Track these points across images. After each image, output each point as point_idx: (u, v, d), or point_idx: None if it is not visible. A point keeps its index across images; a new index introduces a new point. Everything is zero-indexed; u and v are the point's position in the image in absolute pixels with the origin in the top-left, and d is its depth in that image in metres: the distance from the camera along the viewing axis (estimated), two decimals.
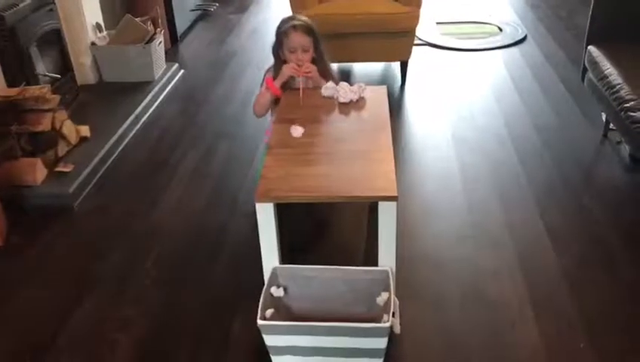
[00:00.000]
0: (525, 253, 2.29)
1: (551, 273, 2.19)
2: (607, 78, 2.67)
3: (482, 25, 4.84)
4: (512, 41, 4.42)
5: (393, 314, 1.76)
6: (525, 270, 2.20)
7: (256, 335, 1.74)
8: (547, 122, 3.27)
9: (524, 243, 2.35)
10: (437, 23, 4.82)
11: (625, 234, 2.37)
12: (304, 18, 2.48)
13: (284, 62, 2.43)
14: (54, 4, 3.34)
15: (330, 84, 2.39)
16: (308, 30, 2.41)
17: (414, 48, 3.80)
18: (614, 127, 2.86)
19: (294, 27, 2.40)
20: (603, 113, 3.03)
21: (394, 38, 3.61)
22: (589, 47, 2.92)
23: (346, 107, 2.32)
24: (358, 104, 2.34)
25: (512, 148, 3.02)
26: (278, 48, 2.46)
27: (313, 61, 2.43)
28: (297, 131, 2.08)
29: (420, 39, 4.40)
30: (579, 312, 2.00)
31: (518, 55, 4.21)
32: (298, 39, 2.39)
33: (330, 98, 2.34)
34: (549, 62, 4.06)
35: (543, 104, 3.48)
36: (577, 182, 2.74)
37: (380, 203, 1.78)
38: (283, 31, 2.42)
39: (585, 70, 2.98)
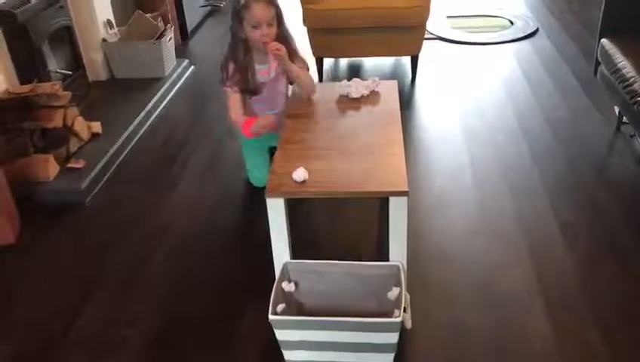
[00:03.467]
0: (536, 248, 2.28)
1: (563, 268, 2.18)
2: (621, 71, 2.64)
3: (493, 18, 4.80)
4: (523, 35, 4.38)
5: (404, 309, 1.75)
6: (536, 265, 2.19)
7: (268, 330, 1.74)
8: (559, 116, 3.24)
9: (536, 238, 2.33)
10: (447, 17, 4.79)
11: (638, 229, 2.35)
12: None
13: (245, 41, 2.25)
14: (65, 1, 3.35)
15: (344, 82, 2.37)
16: (271, 0, 2.21)
17: (425, 42, 3.78)
18: (627, 121, 2.83)
19: None
20: (616, 106, 3.00)
21: (404, 33, 3.60)
22: (602, 40, 2.89)
23: (357, 102, 2.31)
24: (368, 99, 2.33)
25: (523, 142, 3.00)
26: (237, 26, 2.24)
27: (277, 38, 2.24)
28: (300, 175, 1.81)
29: (430, 33, 4.37)
30: (591, 307, 1.99)
31: (529, 48, 4.18)
32: (261, 12, 2.17)
33: (343, 95, 2.33)
34: (561, 55, 4.02)
35: (555, 98, 3.45)
36: (590, 176, 2.71)
37: (391, 198, 1.78)
38: (243, 4, 2.17)
39: (598, 63, 2.95)
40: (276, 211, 1.82)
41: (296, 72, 2.32)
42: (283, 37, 2.26)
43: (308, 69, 2.43)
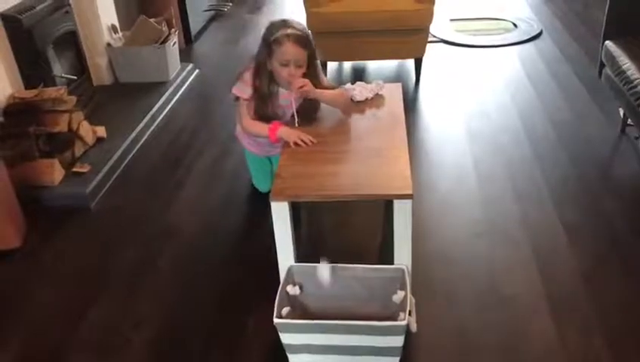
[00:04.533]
0: (541, 251, 2.27)
1: (567, 271, 2.17)
2: (625, 73, 2.64)
3: (496, 21, 4.80)
4: (527, 37, 4.38)
5: (409, 312, 1.75)
6: (541, 268, 2.19)
7: (272, 333, 1.74)
8: (563, 118, 3.24)
9: (540, 241, 2.33)
10: (451, 20, 4.79)
11: None
12: (301, 26, 2.12)
13: (271, 73, 2.14)
14: (70, 6, 3.37)
15: (348, 85, 2.37)
16: (305, 42, 2.07)
17: (429, 45, 3.79)
18: (632, 123, 2.82)
19: (289, 37, 2.04)
20: (620, 108, 3.00)
21: (408, 36, 3.60)
22: (606, 42, 2.89)
23: (361, 105, 2.32)
24: (373, 102, 2.34)
25: (527, 144, 3.00)
26: (265, 56, 2.11)
27: (305, 76, 2.13)
28: (325, 274, 1.84)
29: (434, 36, 4.38)
30: (595, 311, 1.98)
31: (533, 51, 4.18)
32: (293, 51, 2.05)
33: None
34: (565, 57, 4.02)
35: (559, 100, 3.44)
36: (594, 178, 2.71)
37: (395, 201, 1.78)
38: (276, 39, 2.05)
39: (602, 65, 2.95)
40: (281, 215, 1.83)
41: (328, 95, 2.22)
42: (313, 75, 2.15)
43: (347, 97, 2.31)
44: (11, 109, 2.75)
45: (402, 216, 1.80)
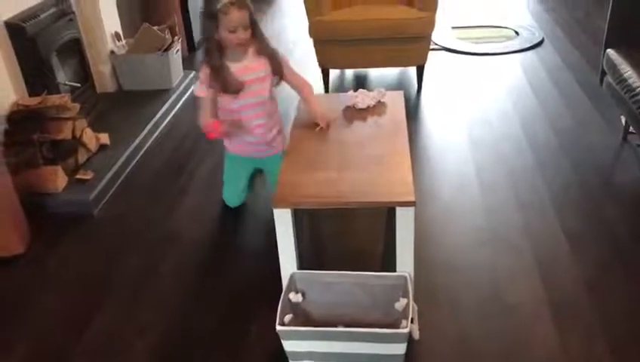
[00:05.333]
0: (543, 259, 2.27)
1: (570, 279, 2.17)
2: (627, 81, 2.65)
3: (498, 29, 4.82)
4: (528, 45, 4.40)
5: (412, 319, 1.76)
6: (543, 275, 2.19)
7: (275, 340, 1.75)
8: (565, 126, 3.25)
9: (542, 248, 2.33)
10: (453, 28, 4.81)
11: None
12: None
13: (219, 43, 2.24)
14: (74, 14, 3.39)
15: (351, 92, 2.38)
16: (244, 4, 2.19)
17: (430, 53, 3.80)
18: (634, 130, 2.83)
19: (232, 3, 2.16)
20: (622, 116, 3.01)
21: (409, 44, 3.62)
22: (608, 50, 2.90)
23: (363, 112, 2.33)
24: (375, 109, 2.35)
25: (529, 152, 3.01)
26: (213, 29, 2.22)
27: (252, 38, 2.26)
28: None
29: (435, 44, 4.40)
30: (598, 318, 1.98)
31: (535, 59, 4.19)
32: (237, 16, 2.17)
33: (350, 106, 2.35)
34: (567, 65, 4.03)
35: (561, 108, 3.45)
36: (596, 186, 2.71)
37: (398, 208, 1.79)
38: (220, 9, 2.16)
39: (603, 73, 2.96)
40: (283, 222, 1.83)
41: (315, 103, 2.35)
42: (258, 35, 2.29)
43: (287, 60, 2.45)
44: (15, 117, 2.77)
45: (405, 223, 1.81)
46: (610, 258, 2.26)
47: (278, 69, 2.37)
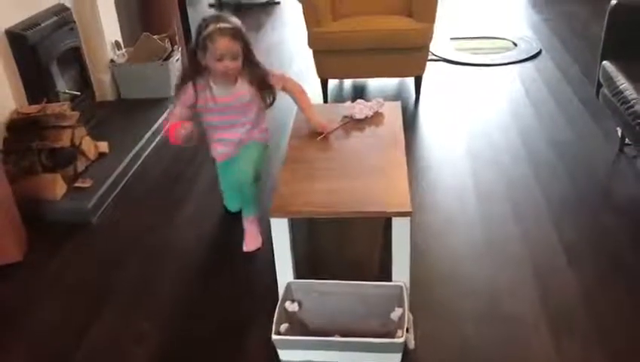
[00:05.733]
0: (541, 270, 2.27)
1: (567, 290, 2.17)
2: (622, 93, 2.66)
3: (497, 40, 4.85)
4: (526, 56, 4.42)
5: (407, 329, 1.76)
6: (541, 287, 2.19)
7: (271, 350, 1.75)
8: (562, 137, 3.26)
9: (540, 260, 2.33)
10: (451, 39, 4.84)
11: None
12: (233, 19, 2.16)
13: (205, 68, 2.19)
14: (74, 23, 3.42)
15: (349, 103, 2.40)
16: (236, 35, 2.12)
17: (429, 64, 3.83)
18: (630, 142, 2.84)
19: (221, 31, 2.08)
20: (618, 128, 3.02)
21: (408, 54, 3.64)
22: (604, 62, 2.92)
23: (361, 123, 2.34)
24: (372, 120, 2.37)
25: (527, 163, 3.02)
26: (199, 54, 2.16)
27: (243, 68, 2.20)
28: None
29: (434, 55, 4.42)
30: (596, 331, 1.98)
31: (532, 70, 4.22)
32: (226, 45, 2.09)
33: (347, 116, 2.36)
34: (564, 76, 4.05)
35: (558, 119, 3.47)
36: (593, 197, 2.72)
37: (394, 218, 1.80)
38: (207, 35, 2.09)
39: (599, 85, 2.97)
40: (280, 231, 1.85)
41: (314, 112, 2.34)
42: (252, 65, 2.22)
43: (287, 79, 2.39)
44: (15, 125, 2.78)
45: (401, 233, 1.82)
46: (608, 269, 2.27)
47: (269, 95, 2.32)
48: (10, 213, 2.45)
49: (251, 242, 2.40)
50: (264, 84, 2.27)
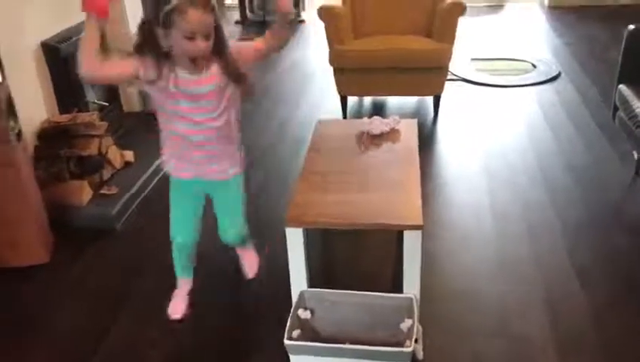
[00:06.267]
0: (553, 293, 2.29)
1: (578, 313, 2.19)
2: (638, 116, 2.69)
3: (516, 62, 4.89)
4: (545, 78, 4.46)
5: (416, 340, 1.81)
6: (552, 308, 2.21)
7: (283, 355, 1.81)
8: (579, 160, 3.28)
9: (552, 282, 2.35)
10: (472, 59, 4.90)
11: None
12: None
13: (167, 54, 1.75)
14: (105, 36, 3.54)
15: (365, 119, 2.46)
16: (209, 5, 1.69)
17: (449, 83, 3.89)
18: None
19: (192, 2, 1.65)
20: (634, 151, 3.04)
21: (427, 74, 3.71)
22: (620, 85, 2.95)
23: (377, 138, 2.41)
24: (388, 136, 2.43)
25: (542, 185, 3.04)
26: (159, 33, 1.71)
27: (214, 49, 1.76)
28: None
29: (454, 75, 4.48)
30: (604, 356, 1.99)
31: (551, 92, 4.25)
32: (199, 18, 1.66)
33: (364, 131, 2.43)
34: (583, 99, 4.08)
35: (576, 142, 3.49)
36: (608, 220, 2.74)
37: (405, 231, 1.85)
38: (175, 6, 1.65)
39: (616, 109, 3.00)
40: (295, 241, 1.91)
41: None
42: (222, 48, 1.79)
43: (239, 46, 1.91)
44: (46, 133, 2.90)
45: (412, 246, 1.87)
46: (621, 295, 2.27)
47: (243, 87, 1.91)
48: (38, 217, 2.55)
49: (253, 265, 2.40)
50: (238, 75, 1.85)
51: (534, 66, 4.73)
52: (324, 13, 3.71)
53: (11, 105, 2.39)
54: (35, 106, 2.94)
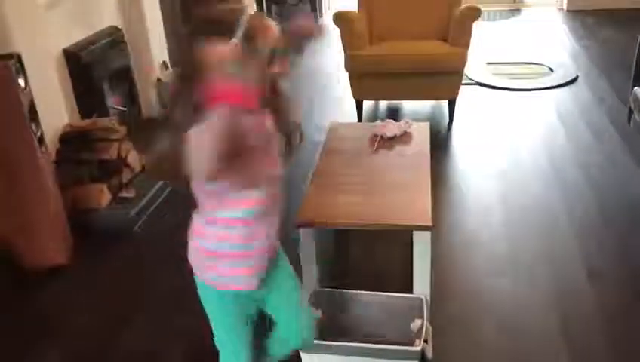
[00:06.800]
0: (564, 294, 2.30)
1: (589, 315, 2.19)
2: None
3: (533, 65, 4.88)
4: (562, 82, 4.44)
5: (425, 339, 1.83)
6: (562, 310, 2.21)
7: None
8: (594, 163, 3.26)
9: (563, 284, 2.35)
10: (487, 63, 4.89)
11: None
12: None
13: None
14: (126, 43, 3.63)
15: (379, 122, 2.48)
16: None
17: (465, 87, 3.90)
18: None
19: (263, 18, 1.36)
20: None
21: (442, 78, 3.73)
22: (635, 88, 2.94)
23: (390, 141, 2.43)
24: (401, 139, 2.46)
25: (556, 188, 3.04)
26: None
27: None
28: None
29: (470, 79, 4.48)
30: (615, 356, 1.99)
31: (568, 96, 4.23)
32: (275, 34, 1.37)
33: (377, 134, 2.46)
34: (600, 102, 4.05)
35: (592, 145, 3.48)
36: (621, 223, 2.73)
37: (415, 232, 1.88)
38: (255, 25, 1.31)
39: (631, 112, 2.99)
40: (307, 240, 1.95)
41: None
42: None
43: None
44: (67, 137, 2.97)
45: (422, 246, 1.90)
46: (631, 298, 2.27)
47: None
48: (59, 219, 2.62)
49: None
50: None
51: (552, 70, 4.71)
52: (340, 18, 3.75)
53: (34, 110, 2.47)
54: (56, 111, 3.02)
